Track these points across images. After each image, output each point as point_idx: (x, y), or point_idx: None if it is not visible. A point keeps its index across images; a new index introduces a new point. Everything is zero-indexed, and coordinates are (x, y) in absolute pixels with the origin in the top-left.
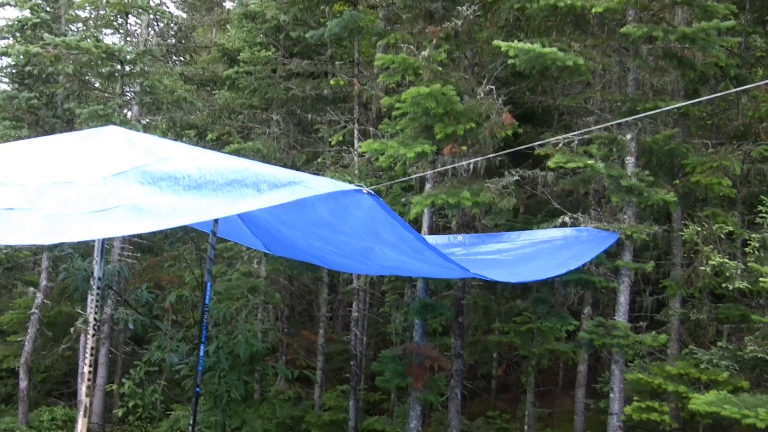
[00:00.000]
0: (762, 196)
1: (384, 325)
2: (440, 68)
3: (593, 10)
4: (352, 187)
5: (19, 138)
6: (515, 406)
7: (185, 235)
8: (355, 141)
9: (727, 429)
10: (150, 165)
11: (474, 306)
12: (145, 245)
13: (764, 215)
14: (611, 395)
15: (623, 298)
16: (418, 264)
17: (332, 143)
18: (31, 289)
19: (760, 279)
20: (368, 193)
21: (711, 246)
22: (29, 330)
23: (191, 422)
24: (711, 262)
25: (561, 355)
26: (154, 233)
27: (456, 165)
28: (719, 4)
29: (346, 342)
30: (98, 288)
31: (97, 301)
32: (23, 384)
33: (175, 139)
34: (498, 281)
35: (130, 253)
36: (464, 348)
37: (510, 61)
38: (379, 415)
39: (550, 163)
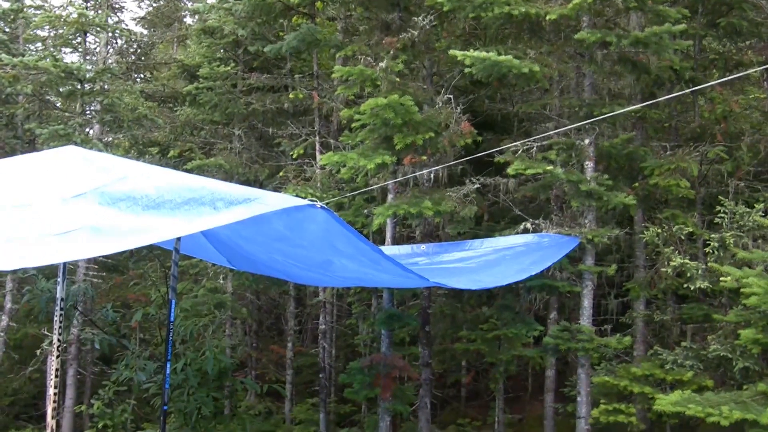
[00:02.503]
0: (720, 197)
1: (352, 336)
2: (398, 79)
3: (548, 17)
4: (305, 202)
5: None
6: (485, 413)
7: (150, 253)
8: (317, 154)
9: (693, 428)
10: (109, 185)
11: (441, 315)
12: (110, 264)
13: (723, 215)
14: (578, 399)
15: (587, 302)
16: (378, 274)
17: (294, 157)
18: None
19: (721, 279)
20: (321, 207)
21: (672, 247)
22: None
23: None
24: (672, 263)
25: (529, 360)
26: (118, 252)
27: (416, 174)
28: (671, 8)
29: (314, 355)
30: (62, 309)
31: (61, 322)
32: None
33: (138, 157)
34: (460, 289)
35: (95, 273)
36: (432, 357)
37: (467, 70)
38: (349, 427)
39: (510, 170)
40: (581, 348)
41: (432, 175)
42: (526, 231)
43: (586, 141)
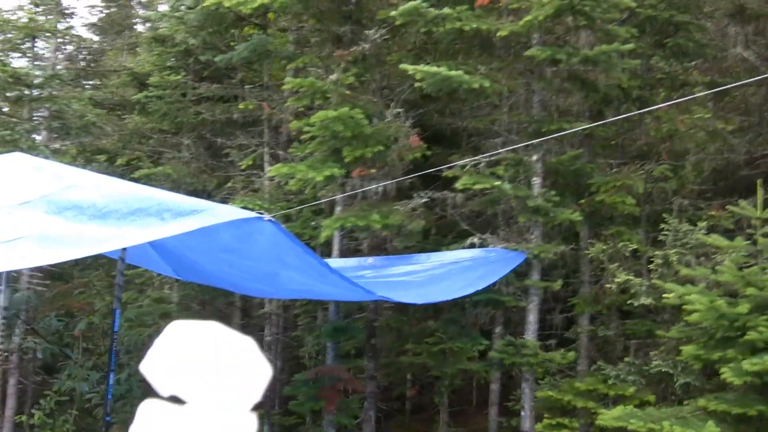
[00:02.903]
0: (664, 214)
1: (297, 348)
2: (348, 92)
3: (498, 34)
4: (253, 214)
5: None
6: (430, 426)
7: (95, 261)
8: (266, 165)
9: None
10: (56, 194)
11: (387, 328)
12: (54, 272)
13: (667, 233)
14: (522, 413)
15: (532, 317)
16: (325, 287)
17: (243, 167)
18: None
19: (664, 295)
20: (269, 219)
21: (617, 264)
22: None
23: None
24: (617, 280)
25: (474, 374)
26: (63, 261)
27: (365, 189)
28: (620, 27)
29: None
30: (4, 318)
31: (3, 330)
32: None
33: (85, 165)
34: (406, 303)
35: (39, 281)
36: (378, 370)
37: (417, 84)
38: None
39: (458, 185)
40: (526, 362)
41: (381, 189)
42: (473, 246)
43: (534, 157)
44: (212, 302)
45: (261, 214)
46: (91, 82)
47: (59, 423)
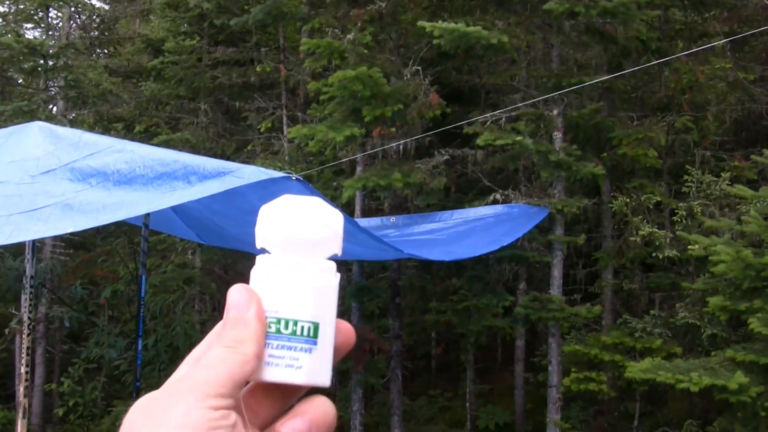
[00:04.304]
0: (687, 166)
1: None
2: (366, 51)
3: None
4: (280, 174)
5: None
6: (456, 384)
7: (118, 229)
8: (284, 127)
9: (661, 394)
10: (78, 161)
11: (410, 287)
12: (77, 241)
13: (690, 184)
14: (549, 368)
15: (557, 272)
16: (353, 247)
17: (261, 130)
18: None
19: (688, 247)
20: (297, 179)
21: (640, 216)
22: None
23: None
24: (641, 233)
25: (498, 331)
26: (87, 229)
27: (385, 147)
28: None
29: None
30: (31, 287)
31: (30, 300)
32: None
33: (103, 133)
34: (432, 260)
35: (62, 250)
36: (402, 329)
37: (435, 42)
38: None
39: (479, 141)
40: (552, 317)
41: (401, 147)
42: (495, 202)
43: (555, 112)
44: (234, 266)
45: (289, 173)
46: (105, 51)
47: (88, 390)
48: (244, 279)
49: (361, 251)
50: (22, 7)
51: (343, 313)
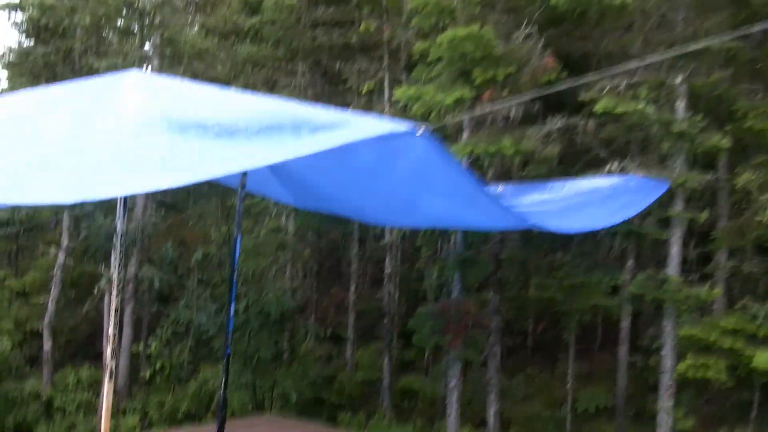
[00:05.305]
0: None
1: (416, 281)
2: (477, 10)
3: None
4: (405, 127)
5: None
6: (552, 363)
7: (210, 190)
8: (386, 90)
9: None
10: (177, 112)
11: (510, 261)
12: (168, 202)
13: None
14: (662, 352)
15: (675, 250)
16: (470, 214)
17: (362, 93)
18: (53, 249)
19: None
20: (424, 134)
21: (767, 195)
22: (52, 290)
23: (223, 384)
24: (767, 212)
25: (599, 310)
26: (178, 189)
27: (497, 108)
28: None
29: (377, 299)
30: (122, 245)
31: (120, 259)
32: (47, 345)
33: None
34: (551, 231)
35: (153, 211)
36: (502, 304)
37: (552, 2)
38: (413, 373)
39: (597, 108)
40: (668, 298)
41: (512, 113)
42: (610, 173)
43: (678, 79)
44: (328, 233)
45: (416, 126)
46: (201, 10)
47: (175, 353)
48: (338, 246)
49: (477, 219)
50: None
51: (439, 285)
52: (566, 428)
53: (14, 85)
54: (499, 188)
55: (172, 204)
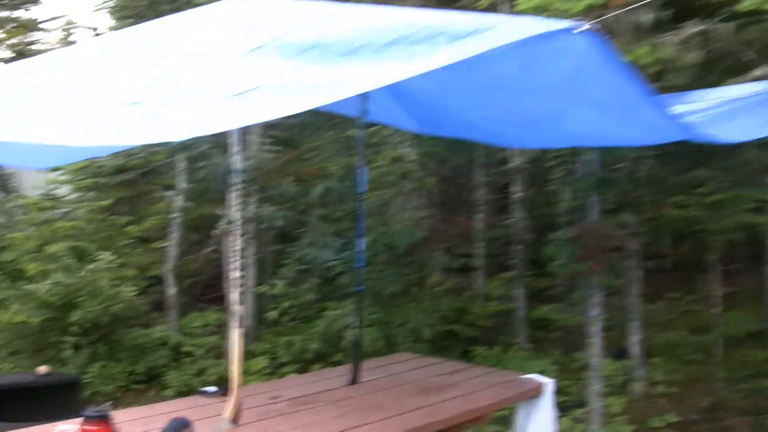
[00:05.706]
0: None
1: (544, 206)
2: None
3: None
4: (564, 24)
5: None
6: (691, 286)
7: (326, 122)
8: (507, 3)
9: None
10: (290, 34)
11: (649, 179)
12: (282, 137)
13: None
14: None
15: None
16: (619, 128)
17: (478, 8)
18: (170, 192)
19: None
20: (584, 31)
21: None
22: (173, 235)
23: (357, 323)
24: None
25: (744, 229)
26: (292, 124)
27: (631, 7)
28: None
29: (504, 227)
30: (240, 184)
31: (240, 198)
32: (172, 290)
33: None
34: (711, 142)
35: (268, 147)
36: (641, 225)
37: None
38: (547, 303)
39: (739, 8)
40: None
41: (639, 20)
42: (756, 79)
43: None
44: (451, 159)
45: (578, 21)
46: None
47: (301, 292)
48: (462, 173)
49: (628, 134)
50: None
51: (573, 209)
52: (714, 355)
53: (121, 27)
54: None
55: (287, 139)
